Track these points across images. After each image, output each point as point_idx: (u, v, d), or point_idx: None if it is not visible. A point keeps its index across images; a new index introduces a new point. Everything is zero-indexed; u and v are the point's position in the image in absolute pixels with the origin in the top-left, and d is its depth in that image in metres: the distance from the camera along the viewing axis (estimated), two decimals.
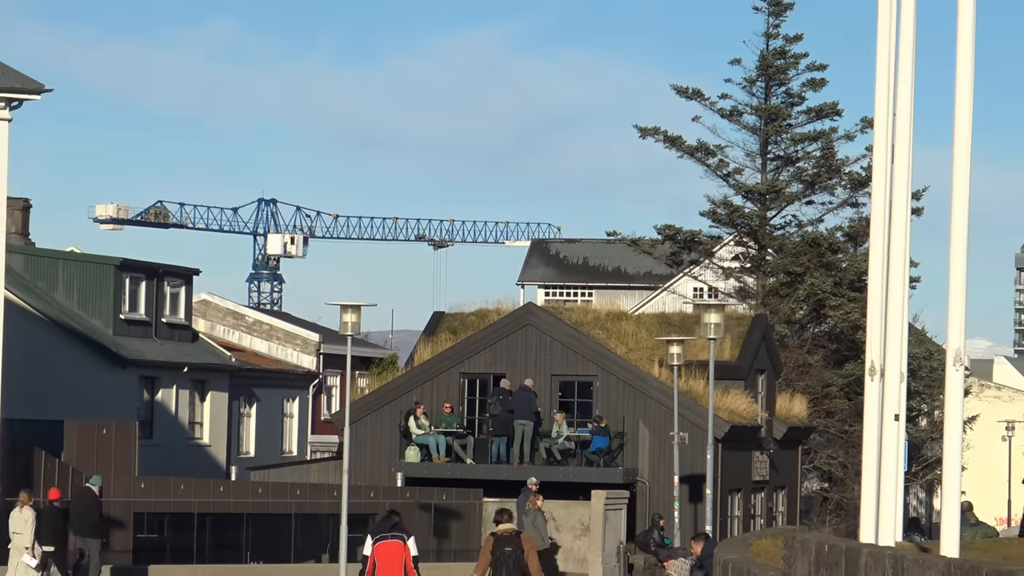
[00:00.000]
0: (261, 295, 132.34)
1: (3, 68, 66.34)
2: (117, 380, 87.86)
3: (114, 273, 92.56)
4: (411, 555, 42.78)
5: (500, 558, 40.87)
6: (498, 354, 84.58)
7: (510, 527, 42.57)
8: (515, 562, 40.92)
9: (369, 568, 44.12)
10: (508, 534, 42.02)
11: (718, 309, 78.01)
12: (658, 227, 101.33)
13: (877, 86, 27.75)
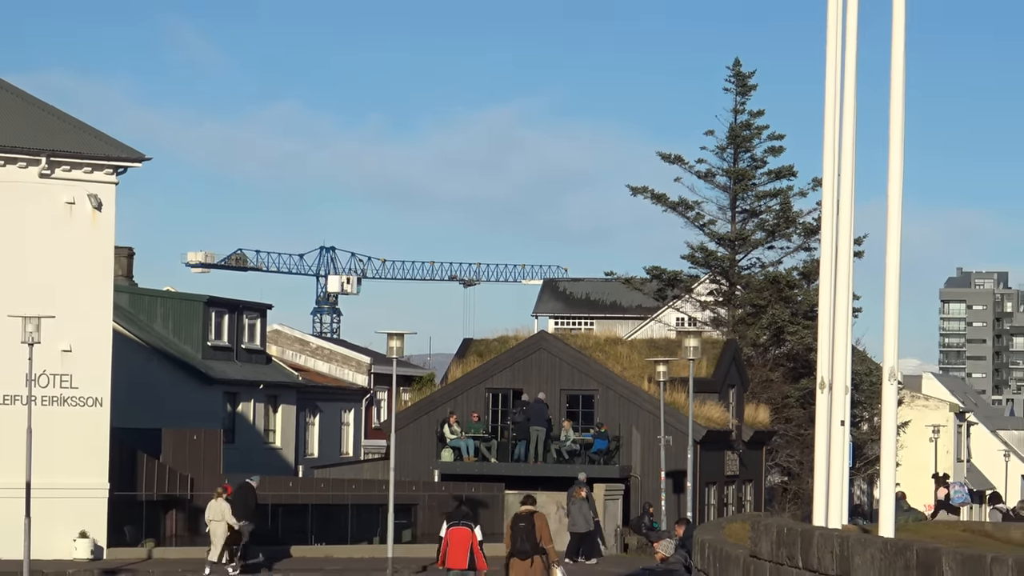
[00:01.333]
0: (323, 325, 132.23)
1: (110, 140, 66.65)
2: (205, 396, 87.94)
3: (202, 308, 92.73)
4: (476, 539, 43.54)
5: (516, 531, 41.39)
6: (516, 373, 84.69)
7: (527, 508, 42.99)
8: (527, 534, 41.31)
9: (443, 546, 45.36)
10: (524, 513, 42.50)
11: (696, 335, 78.41)
12: (647, 268, 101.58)
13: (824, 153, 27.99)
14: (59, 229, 64.08)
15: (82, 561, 62.16)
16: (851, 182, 27.81)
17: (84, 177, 64.92)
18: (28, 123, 65.66)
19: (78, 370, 63.88)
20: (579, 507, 71.28)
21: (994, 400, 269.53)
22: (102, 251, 65.55)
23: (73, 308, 62.59)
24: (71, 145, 65.19)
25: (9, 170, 63.66)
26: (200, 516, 72.66)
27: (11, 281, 62.20)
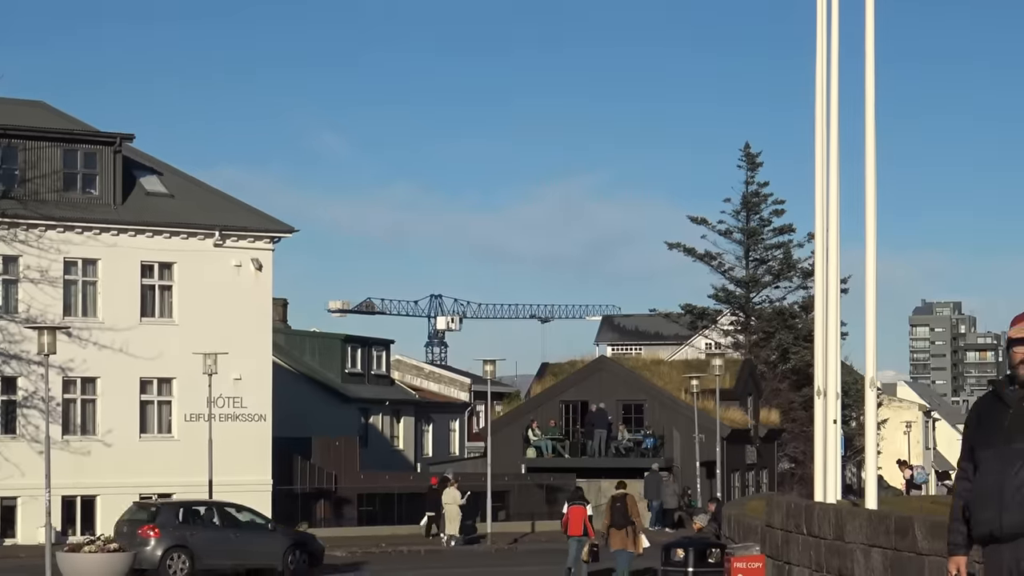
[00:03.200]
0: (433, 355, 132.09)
1: (267, 217, 66.90)
2: (344, 411, 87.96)
3: (340, 344, 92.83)
4: (588, 514, 43.93)
5: (613, 508, 41.66)
6: (583, 388, 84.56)
7: (621, 491, 43.24)
8: (622, 510, 41.55)
9: (565, 519, 45.88)
10: (619, 495, 42.73)
11: (720, 356, 78.55)
12: (682, 305, 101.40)
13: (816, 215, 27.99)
14: (230, 285, 64.38)
15: None
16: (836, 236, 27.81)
17: (248, 246, 65.24)
18: (206, 206, 66.02)
19: (247, 393, 64.14)
20: (671, 489, 72.28)
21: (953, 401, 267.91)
22: (263, 302, 65.91)
23: (242, 346, 62.84)
24: (238, 221, 65.54)
25: (192, 241, 64.04)
26: (343, 504, 72.89)
27: (194, 326, 62.50)
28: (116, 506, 61.39)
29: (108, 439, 61.93)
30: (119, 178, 63.95)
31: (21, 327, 59.49)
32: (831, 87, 27.75)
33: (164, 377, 63.09)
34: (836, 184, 27.76)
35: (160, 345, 62.38)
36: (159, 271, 63.80)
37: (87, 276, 62.53)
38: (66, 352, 58.00)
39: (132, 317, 62.77)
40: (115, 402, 62.33)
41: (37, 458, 53.94)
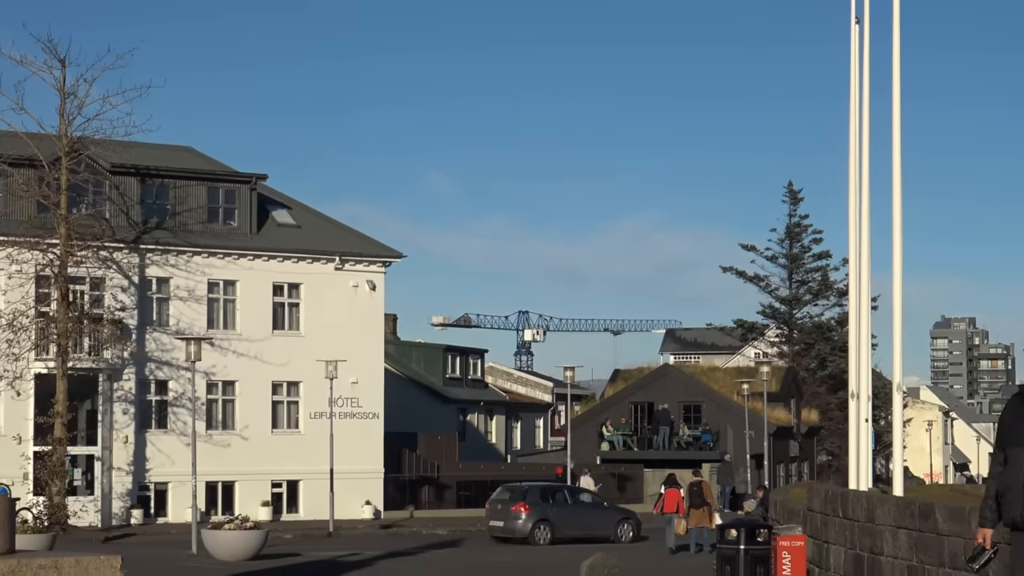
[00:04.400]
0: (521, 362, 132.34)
1: (381, 245, 67.01)
2: (444, 411, 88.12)
3: (442, 353, 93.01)
4: (681, 496, 43.97)
5: (692, 491, 42.18)
6: (649, 391, 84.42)
7: (698, 478, 43.61)
8: (698, 493, 41.86)
9: (660, 500, 46.50)
10: (696, 480, 43.12)
11: (767, 364, 78.06)
12: (735, 320, 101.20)
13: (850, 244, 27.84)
14: (348, 303, 64.61)
15: (367, 520, 62.36)
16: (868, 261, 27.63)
17: (364, 269, 65.45)
18: (329, 235, 66.30)
19: (362, 395, 64.30)
20: (742, 476, 72.17)
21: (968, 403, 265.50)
22: (376, 317, 66.08)
23: (358, 354, 63.01)
24: (355, 248, 65.76)
25: (316, 265, 64.31)
26: (444, 490, 72.97)
27: (318, 337, 62.74)
28: (251, 491, 61.87)
29: (245, 433, 62.24)
30: (255, 211, 64.32)
31: (172, 338, 59.95)
32: (863, 134, 27.64)
33: (292, 381, 63.40)
34: (867, 216, 27.62)
35: (289, 353, 62.69)
36: (288, 291, 64.11)
37: (227, 295, 62.89)
38: (209, 359, 58.38)
39: (265, 329, 63.08)
40: (250, 402, 62.65)
41: (185, 449, 54.23)
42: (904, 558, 20.91)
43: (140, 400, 60.28)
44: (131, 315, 60.11)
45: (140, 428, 60.17)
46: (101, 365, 58.89)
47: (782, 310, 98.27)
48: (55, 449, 54.78)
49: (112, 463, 59.39)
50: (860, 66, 27.67)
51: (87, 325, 57.77)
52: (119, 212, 60.25)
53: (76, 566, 15.97)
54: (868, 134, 27.51)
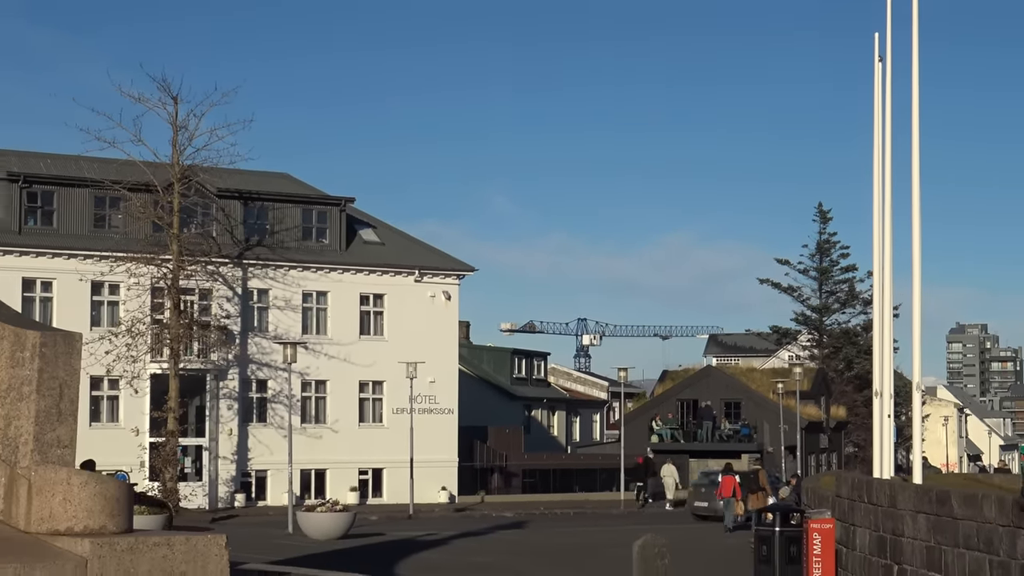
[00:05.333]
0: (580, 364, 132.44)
1: (454, 260, 67.10)
2: (511, 407, 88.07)
3: (510, 355, 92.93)
4: (737, 482, 44.06)
5: (748, 479, 42.50)
6: (694, 390, 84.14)
7: (756, 467, 44.18)
8: (754, 480, 42.25)
9: (720, 489, 46.91)
10: (753, 469, 43.67)
11: (800, 366, 77.64)
12: (770, 327, 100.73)
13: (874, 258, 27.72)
14: (426, 311, 64.73)
15: (443, 503, 62.43)
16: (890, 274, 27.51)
17: (440, 281, 65.57)
18: (409, 251, 66.47)
19: (439, 392, 64.41)
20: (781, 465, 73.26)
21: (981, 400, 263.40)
22: (451, 324, 66.15)
23: (435, 356, 63.12)
24: (432, 263, 65.90)
25: (398, 278, 64.49)
26: (511, 477, 72.98)
27: (399, 341, 62.88)
28: (340, 477, 62.04)
29: (335, 427, 62.44)
30: (344, 231, 64.56)
31: (271, 342, 60.24)
32: (885, 161, 27.53)
33: (377, 380, 63.57)
34: (889, 234, 27.51)
35: (374, 356, 62.86)
36: (373, 300, 64.30)
37: (319, 304, 63.14)
38: (304, 361, 58.61)
39: (353, 335, 63.29)
40: (340, 399, 62.85)
41: (282, 441, 54.48)
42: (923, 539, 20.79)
43: (243, 397, 60.59)
44: (235, 322, 60.45)
45: (243, 422, 60.48)
46: (208, 366, 59.24)
47: (813, 318, 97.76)
48: (168, 440, 55.14)
49: (218, 453, 59.72)
50: (883, 100, 27.60)
51: (196, 331, 58.15)
52: (224, 231, 60.62)
53: (186, 544, 16.05)
54: (890, 161, 27.43)
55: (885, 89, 27.53)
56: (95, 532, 15.54)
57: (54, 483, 15.67)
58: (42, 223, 58.20)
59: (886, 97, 27.49)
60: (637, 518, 55.04)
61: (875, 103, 27.73)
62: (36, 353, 15.85)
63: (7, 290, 51.28)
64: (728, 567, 31.25)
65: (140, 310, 57.25)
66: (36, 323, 17.58)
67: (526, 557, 35.04)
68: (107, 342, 55.19)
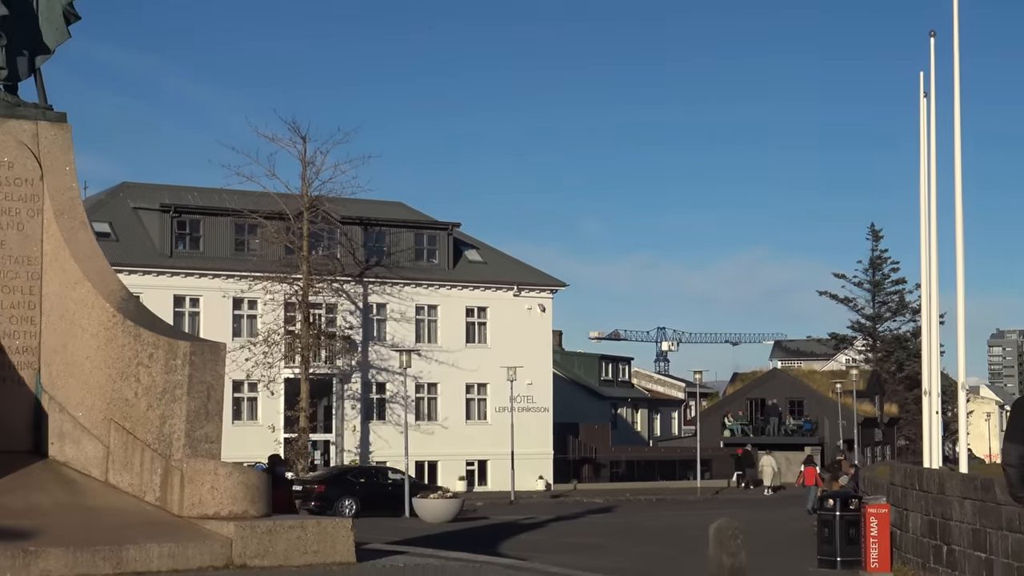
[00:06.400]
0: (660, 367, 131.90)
1: (548, 276, 67.08)
2: (600, 406, 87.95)
3: (598, 360, 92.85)
4: (817, 471, 43.99)
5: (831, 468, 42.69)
6: (761, 390, 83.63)
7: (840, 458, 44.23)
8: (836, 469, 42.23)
9: (801, 476, 47.17)
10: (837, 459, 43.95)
11: (856, 368, 76.60)
12: (829, 333, 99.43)
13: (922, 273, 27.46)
14: (524, 322, 64.77)
15: (540, 491, 62.39)
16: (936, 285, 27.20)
17: (535, 295, 65.60)
18: (508, 269, 66.57)
19: (536, 393, 64.39)
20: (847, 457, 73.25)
21: None
22: (546, 332, 66.15)
23: (532, 361, 63.15)
24: (529, 279, 65.95)
25: (499, 293, 64.61)
26: (600, 468, 72.78)
27: (501, 348, 62.94)
28: (450, 468, 62.20)
29: (445, 424, 62.63)
30: (451, 251, 64.80)
31: (389, 350, 60.58)
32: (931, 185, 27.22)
33: (481, 382, 63.70)
34: (935, 249, 27.19)
35: (478, 361, 63.00)
36: (477, 312, 64.46)
37: (430, 316, 63.40)
38: (417, 366, 58.89)
39: (460, 343, 63.47)
40: (449, 399, 63.04)
41: (399, 436, 54.72)
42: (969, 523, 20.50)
43: (364, 398, 60.96)
44: (357, 332, 60.87)
45: (364, 419, 60.84)
46: (335, 371, 59.67)
47: (867, 325, 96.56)
48: (300, 436, 55.59)
49: (343, 447, 60.11)
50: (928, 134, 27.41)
51: (324, 340, 58.61)
52: (347, 253, 61.08)
53: (317, 526, 16.15)
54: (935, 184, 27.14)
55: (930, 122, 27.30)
56: (238, 516, 15.69)
57: (203, 473, 15.85)
58: (190, 248, 58.98)
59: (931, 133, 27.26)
60: (713, 503, 54.69)
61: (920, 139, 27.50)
62: (187, 361, 16.04)
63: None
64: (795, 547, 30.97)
65: (275, 322, 57.80)
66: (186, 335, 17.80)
67: (615, 537, 34.93)
68: (246, 350, 55.78)
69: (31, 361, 17.51)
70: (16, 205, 17.64)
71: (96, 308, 16.97)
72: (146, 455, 16.29)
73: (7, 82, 18.21)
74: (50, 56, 18.46)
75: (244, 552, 15.16)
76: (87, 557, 14.40)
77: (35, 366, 17.50)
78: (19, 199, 17.67)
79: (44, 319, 17.55)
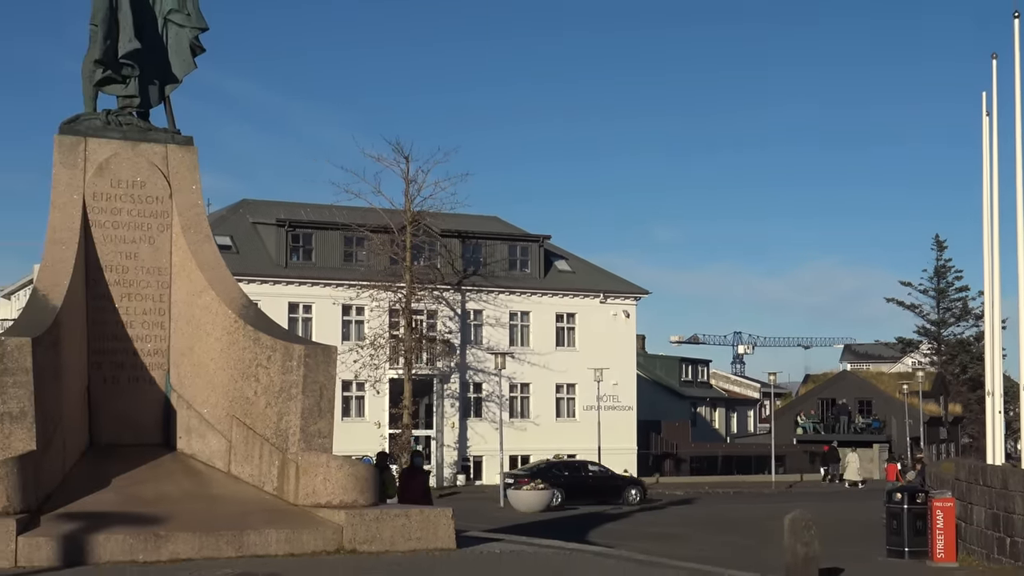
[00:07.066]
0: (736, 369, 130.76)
1: (631, 284, 66.82)
2: (680, 404, 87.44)
3: (678, 362, 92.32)
4: (899, 468, 43.59)
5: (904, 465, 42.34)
6: (832, 390, 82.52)
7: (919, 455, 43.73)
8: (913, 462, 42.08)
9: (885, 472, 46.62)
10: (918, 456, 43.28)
11: (922, 370, 75.40)
12: (896, 338, 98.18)
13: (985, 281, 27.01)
14: (609, 327, 64.56)
15: None
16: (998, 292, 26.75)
17: (620, 302, 65.34)
18: (595, 278, 66.42)
19: (620, 393, 64.13)
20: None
21: None
22: (630, 336, 65.86)
23: (617, 363, 62.95)
24: (614, 287, 65.73)
25: (586, 300, 64.42)
26: (681, 463, 72.24)
27: (588, 351, 62.79)
28: None
29: (536, 421, 62.60)
30: (542, 262, 64.81)
31: (485, 353, 60.72)
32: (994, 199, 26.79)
33: (570, 383, 63.57)
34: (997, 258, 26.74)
35: (567, 363, 62.90)
36: (566, 318, 64.38)
37: (523, 322, 63.43)
38: (511, 367, 58.95)
39: (550, 346, 63.42)
40: (540, 398, 63.00)
41: (494, 432, 54.84)
42: None
43: (462, 397, 61.13)
44: (455, 336, 61.07)
45: (462, 417, 61.01)
46: (435, 372, 59.92)
47: (932, 330, 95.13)
48: (403, 431, 55.89)
49: (443, 442, 60.33)
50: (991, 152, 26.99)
51: (425, 344, 58.88)
52: (446, 264, 61.34)
53: (421, 515, 16.22)
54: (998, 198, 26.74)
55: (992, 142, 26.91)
56: (348, 505, 15.81)
57: (316, 466, 15.99)
58: (303, 259, 59.59)
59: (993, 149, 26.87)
60: (787, 496, 54.11)
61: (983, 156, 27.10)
62: (301, 362, 16.21)
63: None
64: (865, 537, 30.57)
65: (380, 327, 58.20)
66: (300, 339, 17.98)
67: (696, 527, 34.71)
68: (355, 353, 56.22)
69: (161, 362, 17.83)
70: (148, 221, 17.99)
71: (219, 314, 17.22)
72: (265, 448, 16.48)
73: (140, 109, 18.59)
74: (178, 85, 18.82)
75: (354, 538, 15.27)
76: (211, 541, 14.60)
77: (165, 367, 17.82)
78: (150, 215, 18.02)
79: (173, 324, 17.86)
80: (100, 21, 17.71)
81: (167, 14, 18.55)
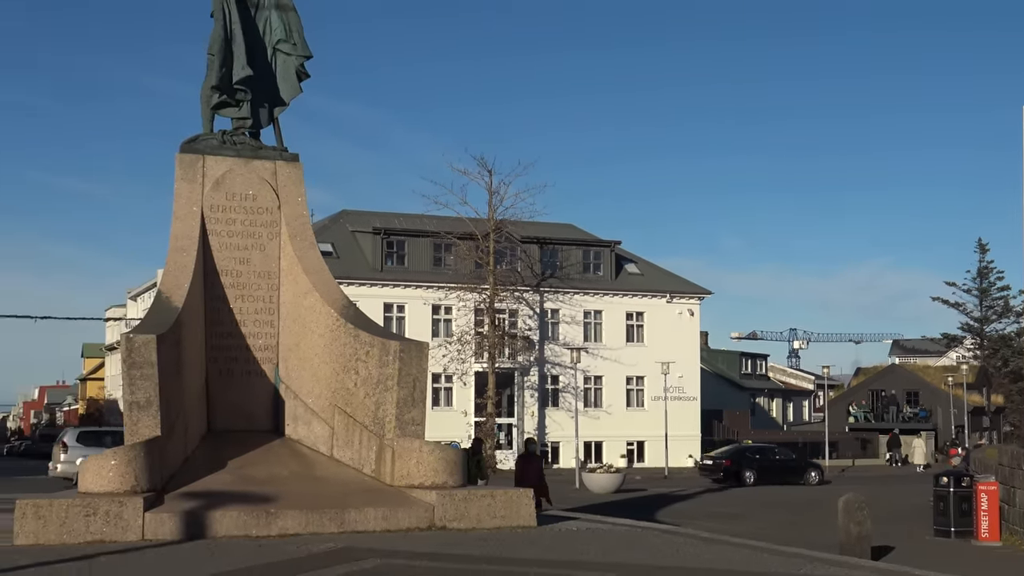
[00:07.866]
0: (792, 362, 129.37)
1: (694, 285, 66.31)
2: (740, 395, 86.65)
3: (738, 357, 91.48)
4: (959, 451, 42.92)
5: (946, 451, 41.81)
6: (882, 382, 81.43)
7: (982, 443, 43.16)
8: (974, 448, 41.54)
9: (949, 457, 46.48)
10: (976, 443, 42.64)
11: (966, 363, 74.07)
12: (941, 334, 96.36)
13: None
14: (675, 324, 64.15)
15: (690, 467, 61.58)
16: None
17: (685, 301, 64.85)
18: (662, 280, 66.06)
19: (685, 384, 63.70)
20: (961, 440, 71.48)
21: None
22: (694, 333, 65.35)
23: (683, 358, 62.55)
24: (679, 288, 65.29)
25: (654, 300, 64.04)
26: None
27: (656, 347, 62.38)
28: (613, 447, 61.91)
29: (609, 410, 62.40)
30: (613, 265, 64.59)
31: (561, 348, 60.62)
32: None
33: (639, 375, 63.27)
34: None
35: (637, 358, 62.63)
36: (636, 316, 64.09)
37: (596, 320, 63.22)
38: (585, 361, 58.86)
39: (621, 341, 63.18)
40: (612, 389, 62.79)
41: (570, 420, 54.76)
42: None
43: (541, 388, 61.12)
44: (535, 333, 61.08)
45: (541, 406, 60.99)
46: (516, 366, 59.98)
47: (975, 326, 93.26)
48: (488, 420, 56.03)
49: (524, 429, 60.34)
50: None
51: (507, 340, 58.97)
52: (527, 267, 61.37)
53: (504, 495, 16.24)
54: None
55: None
56: (439, 486, 15.87)
57: (410, 451, 16.08)
58: (396, 263, 59.97)
59: None
60: (841, 480, 53.40)
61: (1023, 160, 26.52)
62: (396, 357, 16.31)
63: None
64: (914, 518, 30.09)
65: (467, 325, 58.39)
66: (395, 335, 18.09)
67: (755, 507, 34.39)
68: (443, 348, 56.47)
69: (271, 357, 18.08)
70: (259, 230, 18.24)
71: (323, 313, 17.41)
72: (364, 435, 16.61)
73: (251, 129, 18.84)
74: (286, 108, 19.05)
75: (444, 516, 15.33)
76: (316, 518, 14.74)
77: (274, 361, 18.07)
78: (261, 225, 18.27)
79: (281, 323, 18.10)
80: (216, 51, 18.00)
81: (276, 44, 18.79)
